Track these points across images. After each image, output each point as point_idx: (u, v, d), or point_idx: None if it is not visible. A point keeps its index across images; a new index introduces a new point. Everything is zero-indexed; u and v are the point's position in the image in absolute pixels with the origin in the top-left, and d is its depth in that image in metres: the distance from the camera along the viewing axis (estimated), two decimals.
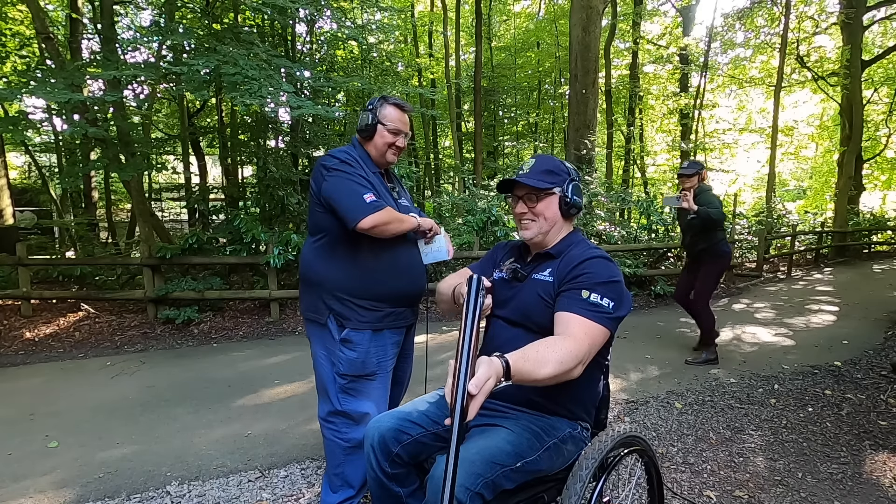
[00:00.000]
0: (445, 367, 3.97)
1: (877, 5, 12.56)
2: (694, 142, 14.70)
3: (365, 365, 1.86)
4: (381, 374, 1.91)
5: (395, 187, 2.04)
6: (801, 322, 5.67)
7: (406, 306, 1.97)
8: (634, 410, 3.20)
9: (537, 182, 1.48)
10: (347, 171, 1.81)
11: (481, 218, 6.53)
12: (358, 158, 1.89)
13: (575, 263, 1.41)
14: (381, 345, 1.89)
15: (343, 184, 1.79)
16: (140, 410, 3.22)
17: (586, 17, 8.70)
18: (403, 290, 1.92)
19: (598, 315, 1.32)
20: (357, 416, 1.87)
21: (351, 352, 1.84)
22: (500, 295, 1.57)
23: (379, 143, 1.92)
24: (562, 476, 1.38)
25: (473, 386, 0.98)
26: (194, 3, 7.45)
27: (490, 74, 16.09)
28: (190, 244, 5.59)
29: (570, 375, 1.22)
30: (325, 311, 1.87)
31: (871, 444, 2.71)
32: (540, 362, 1.15)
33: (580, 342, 1.25)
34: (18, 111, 8.51)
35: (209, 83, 5.90)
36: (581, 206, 1.52)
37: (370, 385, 1.88)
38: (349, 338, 1.84)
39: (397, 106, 1.94)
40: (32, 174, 14.47)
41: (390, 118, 1.91)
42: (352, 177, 1.80)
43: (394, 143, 1.94)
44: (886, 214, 16.58)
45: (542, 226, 1.50)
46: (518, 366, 1.10)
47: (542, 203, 1.49)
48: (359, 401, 1.88)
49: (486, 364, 1.04)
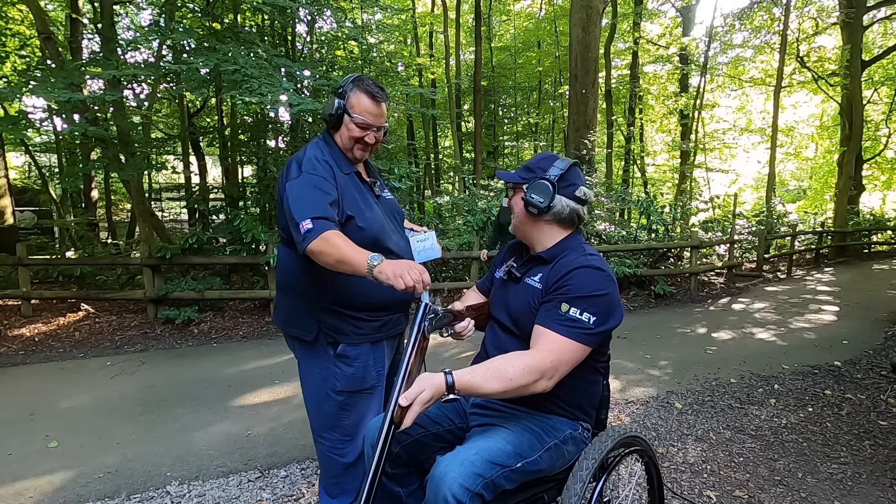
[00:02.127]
0: (446, 367, 3.97)
1: (877, 5, 12.55)
2: (694, 142, 14.71)
3: (364, 380, 1.67)
4: (380, 385, 1.74)
5: (375, 182, 1.78)
6: (801, 322, 5.67)
7: (402, 311, 1.78)
8: (634, 410, 3.20)
9: (509, 176, 1.52)
10: (301, 186, 1.52)
11: (481, 218, 6.54)
12: (330, 159, 1.61)
13: (563, 273, 1.36)
14: (381, 356, 1.71)
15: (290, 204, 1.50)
16: (140, 410, 3.22)
17: (586, 17, 8.71)
18: (397, 296, 1.61)
19: (573, 331, 1.28)
20: (354, 431, 1.68)
21: (349, 367, 1.64)
22: (498, 296, 1.57)
23: (344, 135, 1.63)
24: (562, 476, 1.38)
25: (403, 398, 1.09)
26: (194, 2, 7.45)
27: (490, 74, 16.09)
28: (190, 244, 5.59)
29: (530, 390, 1.23)
30: (313, 326, 1.63)
31: (871, 444, 2.71)
32: (490, 378, 1.19)
33: (543, 358, 1.25)
34: (18, 111, 8.50)
35: (209, 82, 5.91)
36: (540, 206, 1.40)
37: (369, 398, 1.70)
38: (346, 353, 1.63)
39: (370, 94, 1.60)
40: (32, 174, 14.45)
41: (360, 108, 1.60)
42: (302, 191, 1.51)
43: (361, 139, 1.63)
44: (886, 214, 16.58)
45: (514, 220, 1.53)
46: (464, 382, 1.16)
47: (515, 197, 1.51)
48: (357, 415, 1.69)
49: (421, 379, 1.13)
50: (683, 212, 9.04)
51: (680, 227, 8.80)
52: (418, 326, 1.24)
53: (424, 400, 1.10)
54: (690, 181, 14.84)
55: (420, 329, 1.24)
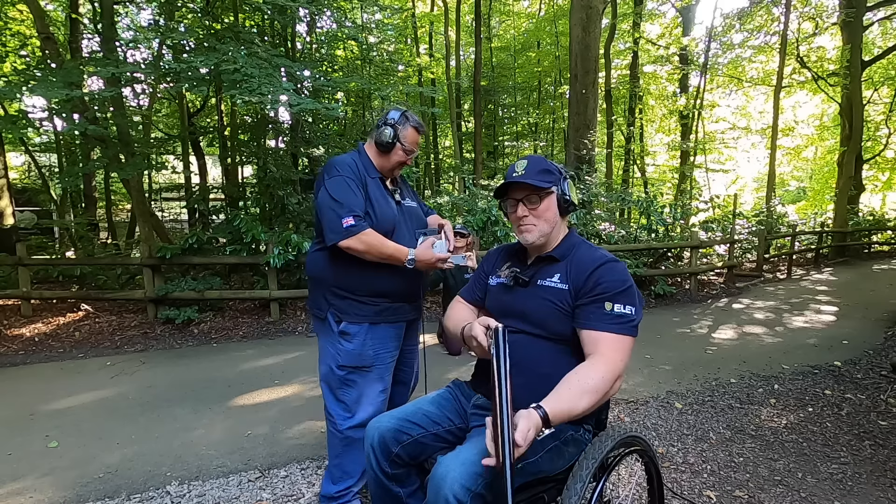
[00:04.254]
0: (447, 367, 3.98)
1: (877, 5, 12.56)
2: (694, 142, 14.71)
3: (362, 357, 1.92)
4: (379, 366, 1.95)
5: (397, 189, 2.08)
6: (800, 322, 5.67)
7: (404, 301, 2.01)
8: (634, 410, 3.20)
9: (539, 182, 1.44)
10: (340, 184, 1.85)
11: (481, 218, 6.53)
12: (360, 165, 1.95)
13: (589, 271, 1.39)
14: (379, 337, 1.95)
15: (328, 199, 1.84)
16: (140, 410, 3.22)
17: (586, 17, 8.71)
18: (401, 287, 1.96)
19: (625, 327, 1.34)
20: (354, 407, 1.93)
21: (349, 343, 1.91)
22: (502, 302, 1.54)
23: (393, 160, 1.99)
24: (562, 476, 1.38)
25: (520, 439, 1.03)
26: (194, 2, 7.45)
27: (490, 74, 16.08)
28: (190, 244, 5.59)
29: (610, 395, 1.28)
30: (325, 306, 1.95)
31: (871, 444, 2.71)
32: (575, 398, 1.20)
33: (614, 361, 1.29)
34: (18, 110, 8.50)
35: (209, 81, 5.91)
36: (574, 203, 1.50)
37: (368, 377, 1.94)
38: (347, 330, 1.92)
39: (417, 129, 2.00)
40: (32, 174, 14.44)
41: (409, 140, 1.98)
42: (343, 190, 1.84)
43: (405, 162, 2.02)
44: (886, 214, 16.58)
45: (543, 228, 1.47)
46: (556, 410, 1.14)
47: (544, 203, 1.46)
48: (357, 392, 1.93)
49: (524, 418, 1.09)
50: (683, 212, 9.04)
51: (680, 227, 8.80)
52: (504, 357, 1.11)
53: (531, 440, 1.08)
54: (690, 181, 14.84)
55: (507, 358, 1.12)
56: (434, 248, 1.89)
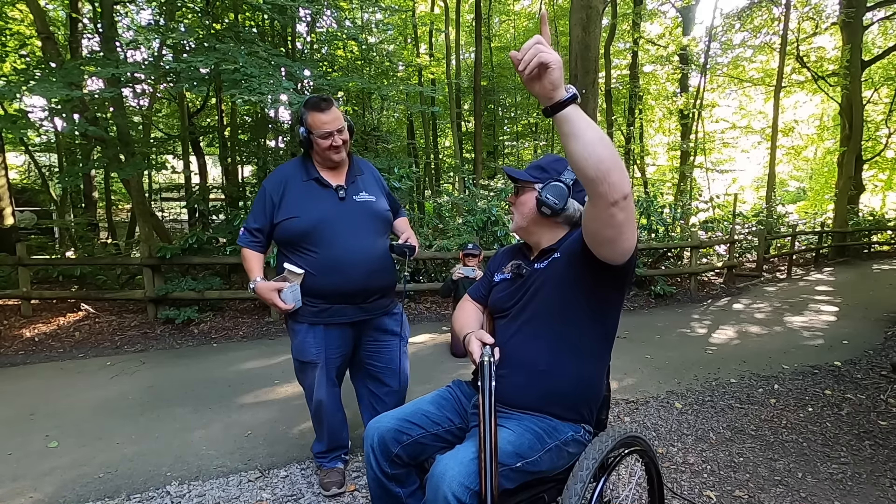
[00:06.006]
0: (446, 367, 3.98)
1: (877, 5, 12.55)
2: (694, 142, 14.71)
3: (302, 352, 2.05)
4: (322, 364, 2.06)
5: (343, 186, 2.04)
6: (801, 322, 5.67)
7: (345, 303, 2.03)
8: (634, 410, 3.20)
9: (520, 174, 1.52)
10: (257, 197, 2.07)
11: (481, 218, 6.53)
12: (293, 171, 2.04)
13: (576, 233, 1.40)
14: (317, 338, 2.04)
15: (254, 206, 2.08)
16: (140, 410, 3.22)
17: (586, 17, 8.70)
18: (338, 288, 1.98)
19: None
20: (310, 393, 2.14)
21: (295, 338, 2.07)
22: (507, 297, 1.55)
23: (319, 150, 1.99)
24: (562, 476, 1.38)
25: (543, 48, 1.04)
26: (194, 2, 7.45)
27: (490, 74, 16.07)
28: (190, 244, 5.59)
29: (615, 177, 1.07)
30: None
31: (871, 444, 2.71)
32: (598, 132, 1.05)
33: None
34: (18, 110, 8.50)
35: (209, 82, 5.90)
36: (555, 208, 1.42)
37: (312, 371, 2.08)
38: (291, 327, 2.08)
39: (316, 108, 1.93)
40: (32, 174, 14.45)
41: (316, 124, 1.93)
42: (256, 203, 2.06)
43: (331, 145, 1.96)
44: (886, 214, 16.58)
45: (518, 220, 1.53)
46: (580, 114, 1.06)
47: (523, 196, 1.51)
48: (308, 382, 2.13)
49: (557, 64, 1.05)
50: (683, 212, 9.04)
51: (680, 227, 8.80)
52: (489, 389, 1.30)
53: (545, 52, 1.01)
54: (690, 181, 14.84)
55: (492, 391, 1.30)
56: (283, 293, 1.93)
